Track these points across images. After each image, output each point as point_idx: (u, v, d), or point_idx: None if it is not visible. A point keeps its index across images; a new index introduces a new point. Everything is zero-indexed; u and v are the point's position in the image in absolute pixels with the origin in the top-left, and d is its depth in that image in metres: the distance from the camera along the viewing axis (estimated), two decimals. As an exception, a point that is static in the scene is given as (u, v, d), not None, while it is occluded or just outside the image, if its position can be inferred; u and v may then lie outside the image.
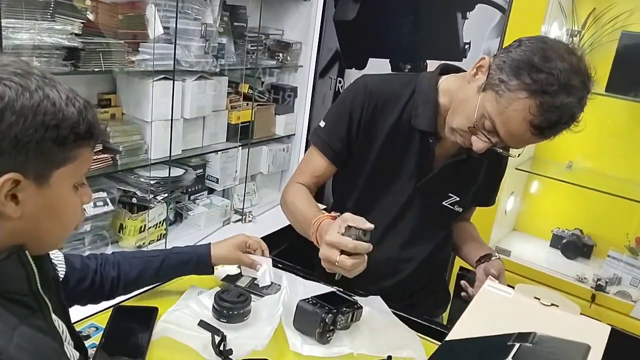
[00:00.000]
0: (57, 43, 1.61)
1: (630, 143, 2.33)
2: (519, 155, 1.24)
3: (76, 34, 1.67)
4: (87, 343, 0.98)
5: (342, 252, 1.07)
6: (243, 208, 2.53)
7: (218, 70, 2.26)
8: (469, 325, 0.89)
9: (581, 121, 1.11)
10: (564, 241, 2.48)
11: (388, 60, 3.09)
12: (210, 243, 1.25)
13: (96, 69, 1.77)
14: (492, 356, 0.72)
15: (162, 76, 1.99)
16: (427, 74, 1.31)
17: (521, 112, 1.04)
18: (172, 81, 1.98)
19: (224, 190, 2.53)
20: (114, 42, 1.83)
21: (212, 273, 1.24)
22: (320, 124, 1.37)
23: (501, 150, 1.17)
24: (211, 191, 2.50)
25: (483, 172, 1.40)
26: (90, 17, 1.77)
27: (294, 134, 2.87)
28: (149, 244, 2.06)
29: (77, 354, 0.83)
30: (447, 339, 0.91)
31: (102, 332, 1.05)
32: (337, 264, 1.06)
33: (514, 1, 2.20)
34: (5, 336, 0.65)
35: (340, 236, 1.07)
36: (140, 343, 1.02)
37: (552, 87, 1.02)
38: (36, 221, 0.70)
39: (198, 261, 1.21)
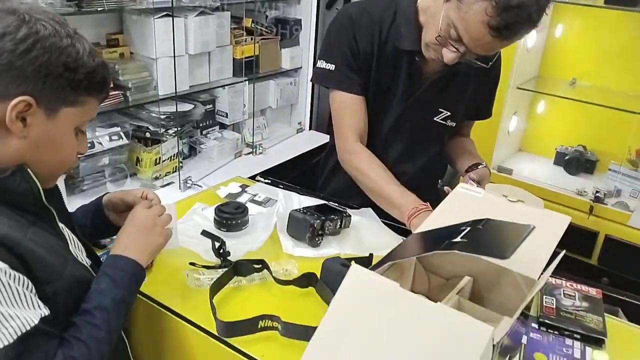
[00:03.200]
0: (59, -16, 1.68)
1: (632, 55, 2.31)
2: (491, 64, 1.27)
3: (76, -26, 1.73)
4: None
5: None
6: (253, 141, 2.63)
7: (218, 4, 2.29)
8: (439, 221, 0.97)
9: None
10: (567, 158, 2.53)
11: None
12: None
13: (99, 9, 1.83)
14: (447, 238, 0.80)
15: (164, 13, 2.04)
16: None
17: (479, 14, 1.08)
18: (171, 18, 2.03)
19: (234, 124, 2.62)
20: (114, -19, 1.88)
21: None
22: (327, 67, 1.37)
23: (473, 61, 1.21)
24: (223, 126, 2.59)
25: (472, 85, 1.43)
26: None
27: (301, 67, 2.90)
28: (165, 175, 2.19)
29: (89, 261, 0.95)
30: (415, 231, 1.00)
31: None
32: None
33: None
34: (19, 232, 0.77)
35: None
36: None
37: None
38: (37, 148, 0.81)
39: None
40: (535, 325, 0.99)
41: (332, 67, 1.37)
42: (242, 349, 0.89)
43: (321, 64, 1.40)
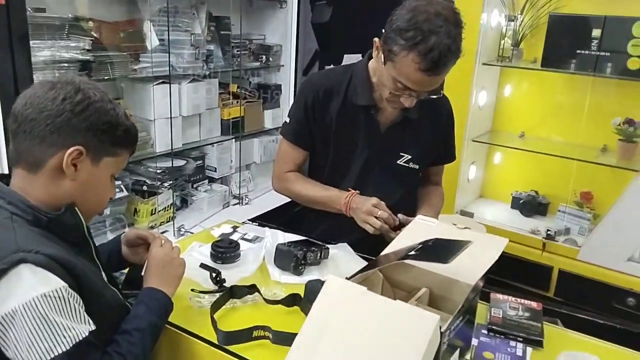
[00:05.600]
0: (73, 57, 1.89)
1: (570, 109, 2.59)
2: (442, 94, 1.51)
3: (87, 49, 1.94)
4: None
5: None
6: (240, 193, 2.81)
7: (208, 73, 2.54)
8: (399, 244, 1.15)
9: (463, 52, 1.33)
10: (522, 201, 2.75)
11: (360, 55, 3.35)
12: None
13: (105, 77, 2.04)
14: (405, 253, 0.98)
15: (161, 81, 2.26)
16: (361, 61, 1.56)
17: (410, 64, 1.30)
18: (169, 84, 2.25)
19: (222, 178, 2.80)
20: (118, 54, 2.10)
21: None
22: (286, 121, 1.64)
23: (427, 96, 1.42)
24: (211, 179, 2.77)
25: (428, 131, 1.61)
26: (96, 34, 2.03)
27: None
28: (160, 224, 2.34)
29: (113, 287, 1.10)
30: (381, 253, 1.17)
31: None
32: (378, 216, 1.45)
33: (457, -5, 2.47)
34: (73, 258, 0.93)
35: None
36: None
37: (419, 37, 1.27)
38: (83, 189, 0.99)
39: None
40: (484, 331, 1.16)
41: (287, 120, 1.63)
42: (240, 354, 1.03)
43: (286, 118, 1.65)
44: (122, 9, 2.27)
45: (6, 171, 1.02)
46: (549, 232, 2.48)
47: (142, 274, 1.12)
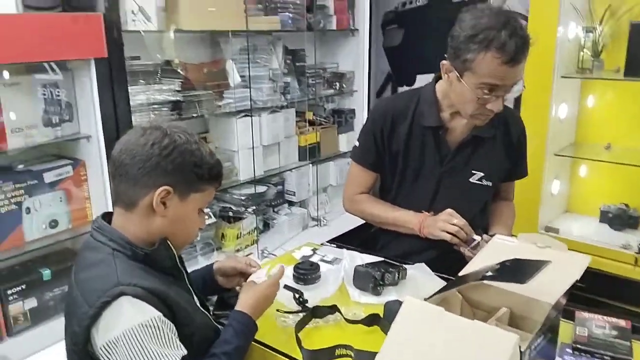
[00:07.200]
0: (165, 99, 2.07)
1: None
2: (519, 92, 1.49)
3: (177, 90, 2.12)
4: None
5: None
6: (317, 215, 2.88)
7: (286, 104, 2.66)
8: (478, 264, 1.15)
9: (534, 39, 1.36)
10: (611, 215, 2.59)
11: (433, 74, 3.36)
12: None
13: (194, 115, 2.21)
14: (483, 273, 0.99)
15: (243, 114, 2.41)
16: (428, 84, 1.59)
17: (492, 61, 1.32)
18: (250, 117, 2.39)
19: (301, 201, 2.90)
20: (204, 93, 2.27)
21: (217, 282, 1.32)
22: (356, 144, 1.70)
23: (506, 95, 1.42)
24: (291, 203, 2.88)
25: (500, 147, 1.60)
26: (184, 76, 2.21)
27: (356, 149, 3.19)
28: (245, 247, 2.46)
29: (205, 310, 1.19)
30: (459, 274, 1.17)
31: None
32: (455, 223, 1.48)
33: (531, 11, 2.42)
34: (167, 288, 1.02)
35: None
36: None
37: (492, 35, 1.31)
38: (173, 224, 1.07)
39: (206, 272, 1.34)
40: (569, 350, 1.12)
41: (357, 144, 1.68)
42: (323, 371, 1.07)
43: (355, 142, 1.70)
44: (207, 50, 2.45)
45: (110, 209, 1.12)
46: (642, 247, 2.31)
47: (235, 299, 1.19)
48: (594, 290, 2.21)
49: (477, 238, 1.49)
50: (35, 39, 1.66)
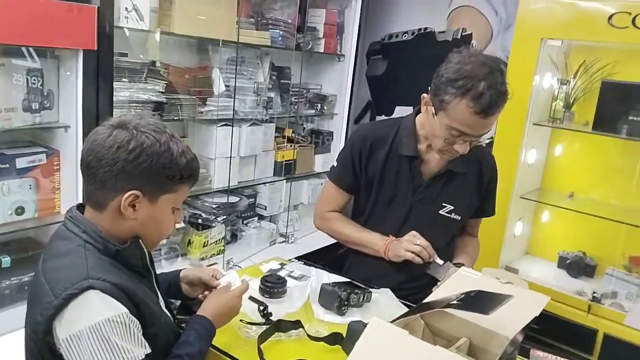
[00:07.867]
0: (148, 99, 2.06)
1: (620, 173, 2.54)
2: (490, 138, 1.53)
3: (161, 92, 2.11)
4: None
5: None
6: (286, 232, 2.89)
7: (267, 118, 2.68)
8: (442, 293, 1.18)
9: (511, 94, 1.40)
10: (568, 262, 2.69)
11: (412, 107, 3.44)
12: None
13: (175, 118, 2.21)
14: (447, 302, 1.01)
15: (223, 123, 2.41)
16: (409, 114, 1.64)
17: (465, 109, 1.37)
18: (231, 127, 2.40)
19: (271, 216, 2.90)
20: (188, 98, 2.27)
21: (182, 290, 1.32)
22: (334, 164, 1.73)
23: (478, 141, 1.48)
24: (261, 217, 2.87)
25: (472, 183, 1.66)
26: (169, 78, 2.21)
27: (331, 171, 3.23)
28: (211, 256, 2.43)
29: (167, 312, 1.18)
30: (424, 301, 1.20)
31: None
32: (419, 243, 1.53)
33: (510, 57, 2.53)
34: (135, 286, 1.01)
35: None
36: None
37: (469, 84, 1.35)
38: (144, 225, 1.06)
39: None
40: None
41: (335, 164, 1.72)
42: (282, 385, 1.07)
43: (334, 162, 1.73)
44: (194, 56, 2.46)
45: (81, 201, 1.10)
46: (595, 295, 2.40)
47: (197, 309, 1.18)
48: (547, 332, 2.28)
49: (440, 262, 1.53)
50: (28, 22, 1.64)
